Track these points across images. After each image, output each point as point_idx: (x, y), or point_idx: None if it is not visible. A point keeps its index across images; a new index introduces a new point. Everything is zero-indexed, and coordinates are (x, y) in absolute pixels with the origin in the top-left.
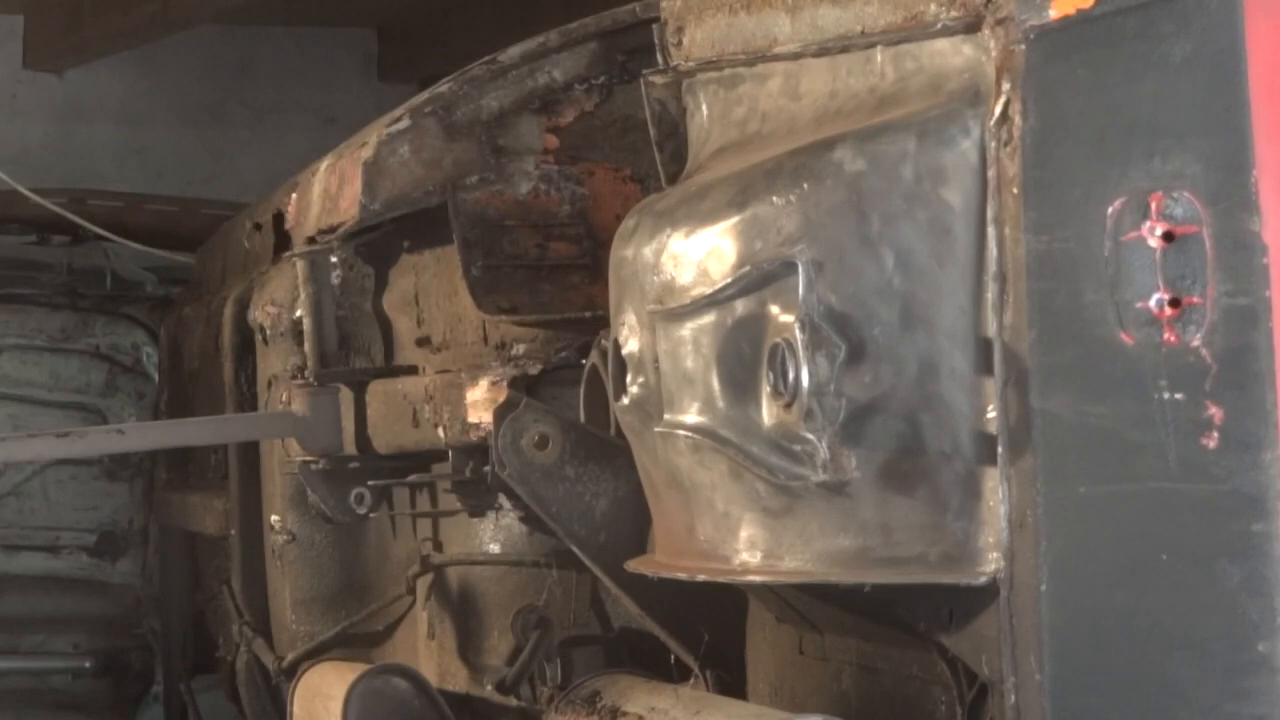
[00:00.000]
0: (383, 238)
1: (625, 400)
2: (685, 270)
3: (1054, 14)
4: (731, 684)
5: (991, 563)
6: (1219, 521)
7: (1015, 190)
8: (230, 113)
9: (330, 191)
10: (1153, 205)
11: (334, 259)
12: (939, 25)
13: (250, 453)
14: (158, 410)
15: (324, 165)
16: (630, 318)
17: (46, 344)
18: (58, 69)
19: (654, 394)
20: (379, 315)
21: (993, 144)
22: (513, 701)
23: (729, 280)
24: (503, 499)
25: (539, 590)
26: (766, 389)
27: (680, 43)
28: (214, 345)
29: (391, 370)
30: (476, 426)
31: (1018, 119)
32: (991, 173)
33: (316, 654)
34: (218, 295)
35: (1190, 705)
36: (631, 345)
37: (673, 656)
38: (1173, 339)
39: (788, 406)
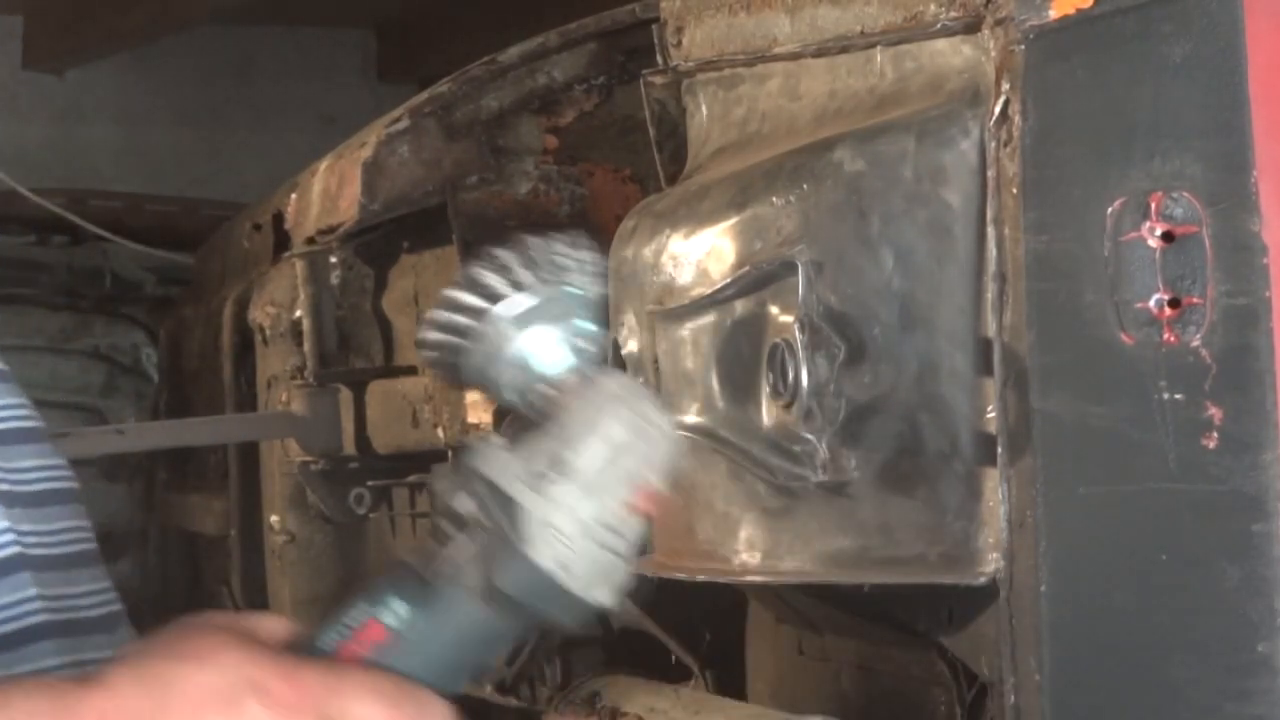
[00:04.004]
0: (383, 238)
1: None
2: (685, 270)
3: (1054, 14)
4: (731, 684)
5: (991, 563)
6: (1219, 522)
7: (1015, 190)
8: (230, 113)
9: (330, 192)
10: (1152, 205)
11: (334, 259)
12: (939, 25)
13: (250, 453)
14: (157, 410)
15: (324, 165)
16: (630, 318)
17: (46, 345)
18: (58, 69)
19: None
20: (379, 315)
21: (993, 144)
22: (513, 701)
23: (729, 280)
24: None
25: None
26: (766, 389)
27: (680, 43)
28: (213, 346)
29: (391, 370)
30: (476, 426)
31: (1017, 119)
32: (991, 173)
33: None
34: (217, 296)
35: (1190, 705)
36: (631, 345)
37: (673, 656)
38: (1172, 339)
39: (787, 407)
